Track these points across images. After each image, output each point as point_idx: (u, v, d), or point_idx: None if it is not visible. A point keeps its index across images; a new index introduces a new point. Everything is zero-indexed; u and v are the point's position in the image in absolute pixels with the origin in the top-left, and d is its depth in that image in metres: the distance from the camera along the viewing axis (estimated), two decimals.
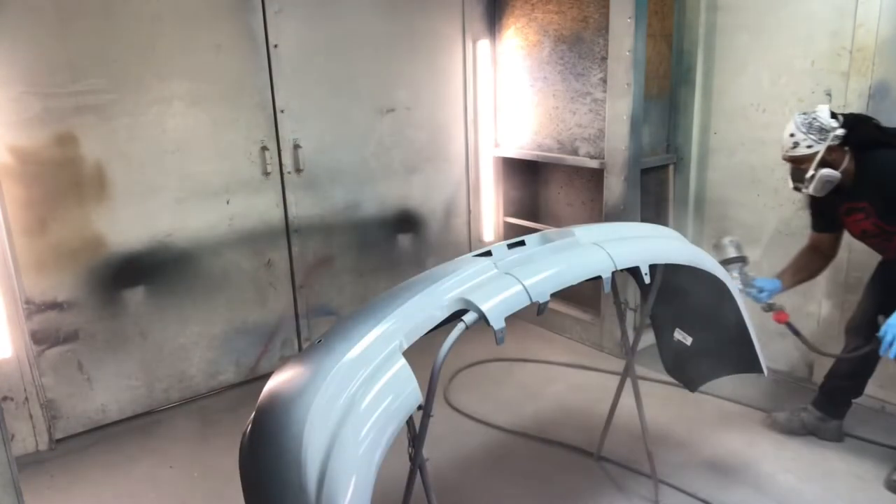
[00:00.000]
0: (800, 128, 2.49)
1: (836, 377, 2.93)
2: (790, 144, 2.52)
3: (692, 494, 2.66)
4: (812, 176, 2.50)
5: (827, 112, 2.49)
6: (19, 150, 2.93)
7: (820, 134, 2.46)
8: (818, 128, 2.47)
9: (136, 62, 3.13)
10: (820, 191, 2.53)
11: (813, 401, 3.01)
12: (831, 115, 2.49)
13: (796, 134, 2.49)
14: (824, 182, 2.49)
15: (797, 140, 2.49)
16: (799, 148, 2.50)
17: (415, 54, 4.04)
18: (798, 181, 2.57)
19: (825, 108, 2.50)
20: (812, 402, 3.01)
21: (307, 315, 3.92)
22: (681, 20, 3.73)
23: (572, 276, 1.92)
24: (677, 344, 2.66)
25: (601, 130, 3.74)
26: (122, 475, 2.97)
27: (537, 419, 3.29)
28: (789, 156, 2.55)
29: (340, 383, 1.57)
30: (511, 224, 4.57)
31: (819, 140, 2.46)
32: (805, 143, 2.48)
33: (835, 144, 2.47)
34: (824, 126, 2.46)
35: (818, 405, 2.98)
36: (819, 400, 2.99)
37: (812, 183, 2.51)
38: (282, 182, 3.67)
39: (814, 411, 2.99)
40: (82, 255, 3.15)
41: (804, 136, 2.47)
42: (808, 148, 2.48)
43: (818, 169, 2.48)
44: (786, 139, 2.53)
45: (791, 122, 2.53)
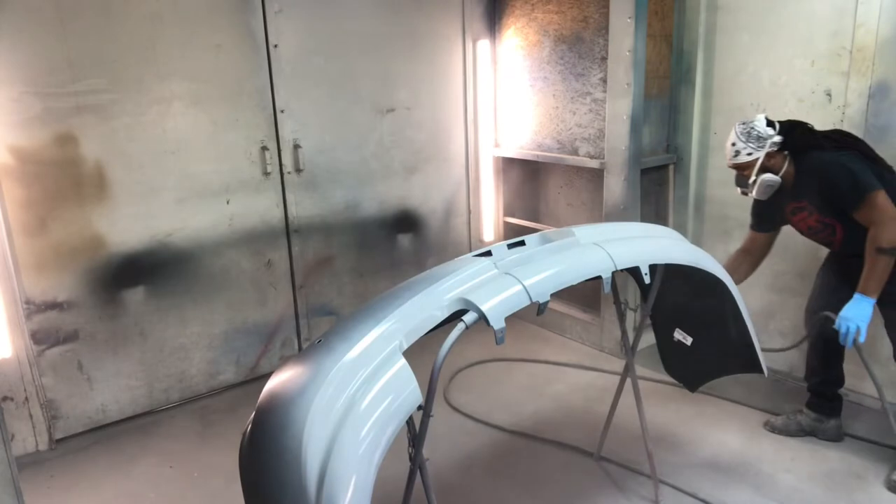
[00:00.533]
0: (739, 137, 2.64)
1: (813, 374, 2.99)
2: (732, 153, 2.67)
3: (692, 494, 2.66)
4: (754, 181, 2.65)
5: (763, 121, 2.64)
6: (19, 150, 2.93)
7: (758, 142, 2.61)
8: (756, 136, 2.62)
9: (136, 62, 3.13)
10: (763, 194, 2.68)
11: (806, 403, 3.03)
12: (767, 122, 2.64)
13: (737, 143, 2.65)
14: (766, 186, 2.64)
15: (738, 149, 2.65)
16: (740, 156, 2.65)
17: (415, 54, 4.04)
18: (742, 186, 2.72)
19: (762, 118, 2.66)
20: (806, 405, 3.03)
21: (307, 315, 3.92)
22: (681, 20, 3.73)
23: (572, 276, 1.92)
24: (677, 344, 2.66)
25: (601, 130, 3.74)
26: (122, 475, 2.97)
27: (537, 419, 3.29)
28: (732, 163, 2.70)
29: (340, 383, 1.57)
30: (511, 224, 4.57)
31: (758, 147, 2.62)
32: (745, 151, 2.63)
33: (773, 150, 2.62)
34: (761, 134, 2.62)
35: (812, 406, 3.01)
36: (811, 402, 3.01)
37: (755, 187, 2.66)
38: (282, 182, 3.67)
39: (809, 413, 3.01)
40: (82, 255, 3.15)
41: (744, 145, 2.63)
42: (748, 155, 2.63)
43: (759, 174, 2.64)
44: (728, 148, 2.69)
45: (732, 132, 2.68)
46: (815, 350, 2.94)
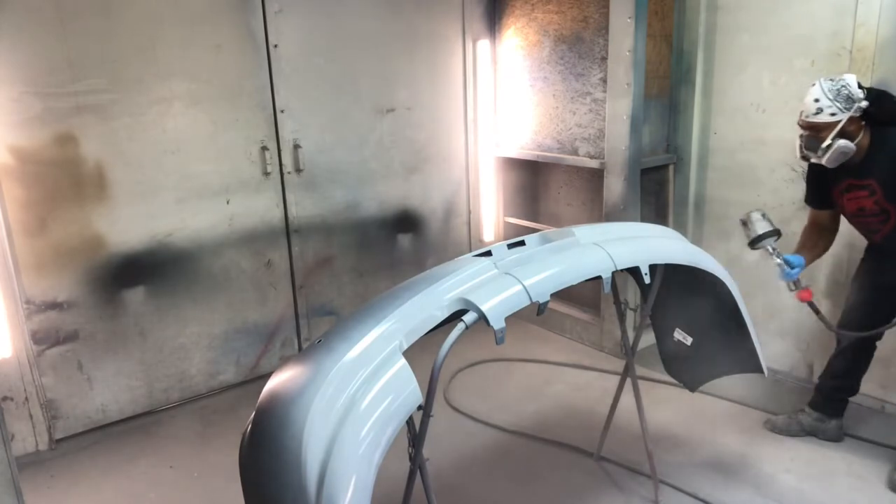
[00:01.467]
0: (826, 94, 2.38)
1: (831, 377, 2.93)
2: (813, 110, 2.41)
3: (692, 494, 2.66)
4: (829, 146, 2.40)
5: (855, 81, 2.41)
6: (19, 150, 2.93)
7: (846, 102, 2.37)
8: (846, 96, 2.37)
9: (136, 62, 3.13)
10: (833, 162, 2.44)
11: (809, 402, 3.01)
12: (858, 85, 2.41)
13: (821, 99, 2.39)
14: (840, 153, 2.41)
15: (822, 106, 2.39)
16: (822, 115, 2.39)
17: (415, 54, 4.04)
18: (811, 150, 2.47)
19: (853, 77, 2.41)
20: (808, 404, 3.01)
21: (307, 315, 3.92)
22: (681, 20, 3.73)
23: (572, 276, 1.92)
24: (677, 344, 2.66)
25: (601, 130, 3.74)
26: (122, 475, 2.97)
27: (537, 419, 3.29)
28: (810, 122, 2.43)
29: (340, 383, 1.57)
30: (511, 224, 4.57)
31: (844, 108, 2.37)
32: (829, 111, 2.38)
33: (856, 116, 2.39)
34: (852, 95, 2.37)
35: (815, 406, 2.99)
36: (815, 400, 2.99)
37: (828, 153, 2.42)
38: (282, 182, 3.67)
39: (811, 412, 2.99)
40: (82, 255, 3.15)
41: (830, 103, 2.38)
42: (831, 115, 2.38)
43: (836, 139, 2.39)
44: (809, 103, 2.42)
45: (817, 87, 2.42)
46: (844, 357, 2.85)
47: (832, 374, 2.92)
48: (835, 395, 2.94)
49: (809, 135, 2.47)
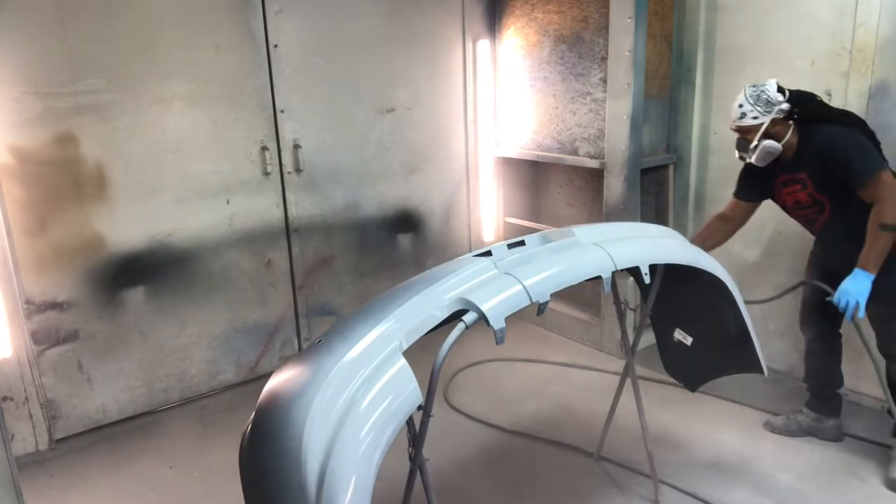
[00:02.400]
0: (748, 99, 2.59)
1: (812, 376, 2.99)
2: (738, 115, 2.63)
3: (692, 494, 2.66)
4: (756, 146, 2.61)
5: (774, 86, 2.60)
6: (19, 150, 2.93)
7: (766, 106, 2.57)
8: (765, 100, 2.57)
9: (136, 62, 3.13)
10: (762, 160, 2.64)
11: (806, 402, 3.03)
12: (778, 88, 2.60)
13: (744, 105, 2.60)
14: (766, 152, 2.61)
15: (745, 111, 2.60)
16: (745, 119, 2.60)
17: (415, 54, 4.04)
18: (742, 150, 2.68)
19: (773, 82, 2.61)
20: (805, 404, 3.03)
21: (307, 315, 3.92)
22: (681, 20, 3.73)
23: (572, 276, 1.92)
24: (677, 344, 2.66)
25: (601, 130, 3.74)
26: (122, 475, 2.97)
27: (537, 419, 3.29)
28: (736, 125, 2.65)
29: (340, 383, 1.57)
30: (511, 224, 4.57)
31: (765, 112, 2.57)
32: (752, 115, 2.59)
33: (779, 118, 2.58)
34: (771, 99, 2.57)
35: (811, 406, 3.01)
36: (811, 401, 3.02)
37: (755, 153, 2.62)
38: (282, 182, 3.67)
39: (809, 413, 3.01)
40: (82, 255, 3.15)
41: (751, 108, 2.58)
42: (753, 119, 2.59)
43: (762, 140, 2.59)
44: (734, 109, 2.64)
45: (741, 93, 2.63)
46: (814, 351, 2.95)
47: (812, 374, 2.99)
48: (824, 391, 2.97)
49: (739, 137, 2.68)
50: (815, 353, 2.95)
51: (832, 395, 2.97)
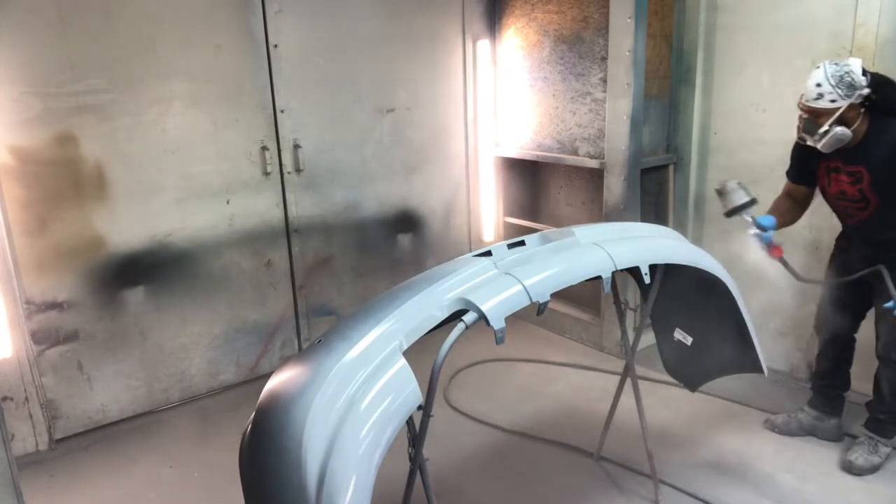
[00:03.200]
0: (829, 79, 2.35)
1: (820, 377, 2.98)
2: (814, 95, 2.38)
3: (692, 494, 2.66)
4: (826, 132, 2.39)
5: (860, 67, 2.37)
6: (19, 150, 2.93)
7: (848, 89, 2.34)
8: (848, 83, 2.34)
9: (136, 62, 3.13)
10: (829, 147, 2.43)
11: (808, 401, 3.03)
12: (863, 71, 2.37)
13: (824, 85, 2.36)
14: (836, 140, 2.40)
15: (823, 91, 2.36)
16: (822, 100, 2.37)
17: (415, 54, 4.04)
18: (808, 133, 2.45)
19: (858, 63, 2.37)
20: (807, 403, 3.03)
21: (307, 315, 3.92)
22: (681, 20, 3.73)
23: (572, 276, 1.92)
24: (677, 344, 2.66)
25: (601, 130, 3.74)
26: (122, 475, 2.97)
27: (537, 419, 3.29)
28: (810, 106, 2.41)
29: (340, 383, 1.57)
30: (511, 224, 4.57)
31: (845, 96, 2.34)
32: (830, 97, 2.36)
33: (856, 103, 2.37)
34: (855, 82, 2.34)
35: (813, 405, 3.01)
36: (813, 400, 3.01)
37: (824, 139, 2.40)
38: (282, 182, 3.67)
39: (810, 411, 3.00)
40: (82, 255, 3.15)
41: (831, 90, 2.35)
42: (831, 102, 2.36)
43: (834, 126, 2.38)
44: (811, 88, 2.39)
45: (820, 71, 2.39)
46: (827, 353, 2.92)
47: (821, 375, 2.97)
48: (829, 392, 2.96)
49: (807, 119, 2.45)
50: (827, 356, 2.91)
51: (835, 395, 2.96)
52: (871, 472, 2.73)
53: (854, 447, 2.80)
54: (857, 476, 2.72)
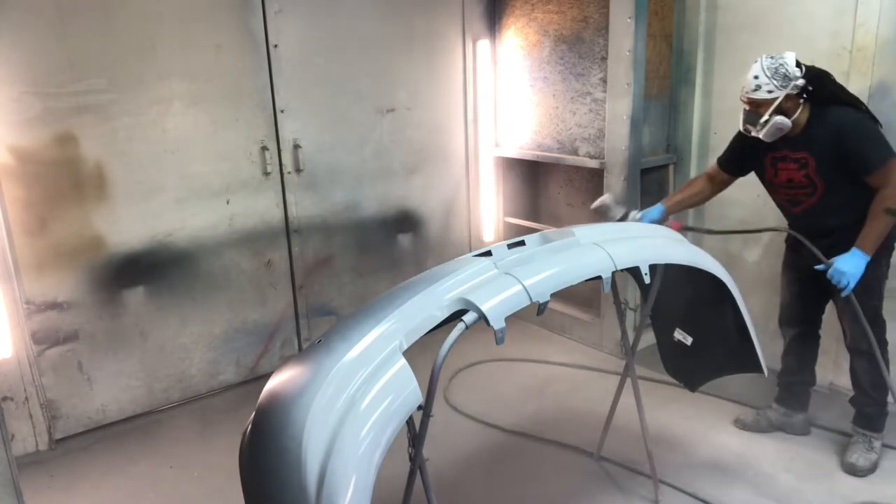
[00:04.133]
0: (765, 71, 2.48)
1: (786, 374, 3.02)
2: (753, 86, 2.50)
3: (692, 494, 2.66)
4: (766, 121, 2.51)
5: (793, 60, 2.49)
6: (19, 150, 2.93)
7: (783, 80, 2.46)
8: (783, 74, 2.46)
9: (136, 62, 3.13)
10: (770, 136, 2.54)
11: (775, 398, 3.07)
12: (796, 63, 2.49)
13: (760, 76, 2.48)
14: (776, 128, 2.51)
15: (760, 83, 2.48)
16: (760, 91, 2.49)
17: (415, 54, 4.04)
18: (750, 124, 2.57)
19: (792, 56, 2.50)
20: (775, 400, 3.07)
21: (307, 315, 3.92)
22: (681, 20, 3.73)
23: (572, 276, 1.92)
24: (677, 344, 2.66)
25: (601, 130, 3.74)
26: (122, 475, 2.97)
27: (537, 419, 3.29)
28: (749, 97, 2.53)
29: (340, 383, 1.57)
30: (511, 224, 4.57)
31: (781, 86, 2.46)
32: (767, 88, 2.47)
33: (793, 93, 2.48)
34: (789, 73, 2.46)
35: (780, 401, 3.05)
36: (780, 396, 3.05)
37: (765, 128, 2.52)
38: (282, 182, 3.67)
39: (778, 408, 3.04)
40: (82, 255, 3.15)
41: (768, 81, 2.47)
42: (768, 93, 2.48)
43: (773, 115, 2.49)
44: (749, 80, 2.52)
45: (757, 64, 2.51)
46: (793, 351, 2.98)
47: (787, 371, 3.02)
48: (795, 388, 3.01)
49: (749, 110, 2.56)
50: (793, 353, 2.98)
51: (802, 391, 3.00)
52: (872, 470, 2.74)
53: (850, 448, 2.82)
54: (860, 477, 2.72)
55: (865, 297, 2.60)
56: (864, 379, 2.75)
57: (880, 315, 2.70)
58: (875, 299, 2.67)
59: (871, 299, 2.64)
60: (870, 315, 2.63)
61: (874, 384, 2.73)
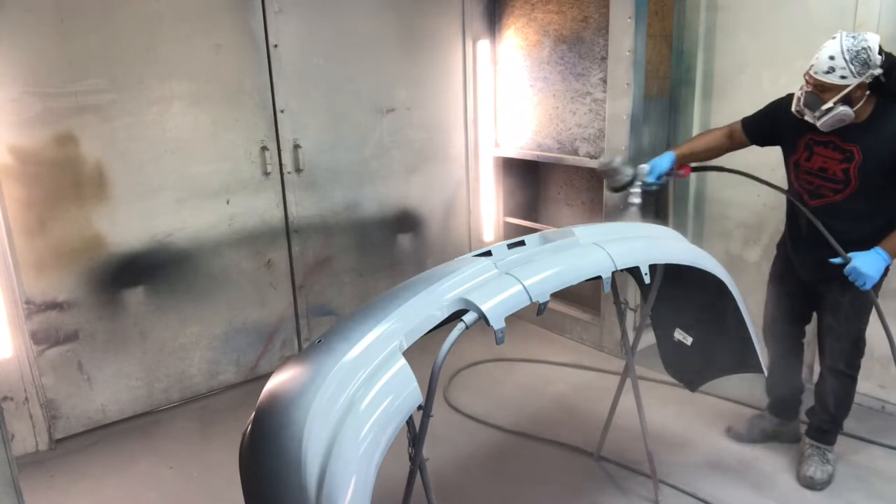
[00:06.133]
0: (844, 53, 2.16)
1: (776, 384, 2.94)
2: (826, 68, 2.19)
3: (692, 494, 2.66)
4: (829, 109, 2.23)
5: (877, 43, 2.18)
6: (19, 150, 2.93)
7: (862, 67, 2.16)
8: (864, 60, 2.16)
9: (136, 62, 3.13)
10: (829, 127, 2.28)
11: (767, 407, 3.01)
12: (879, 49, 2.19)
13: (837, 58, 2.17)
14: (838, 120, 2.24)
15: (835, 65, 2.17)
16: (832, 75, 2.18)
17: (415, 54, 4.04)
18: (809, 108, 2.29)
19: (876, 39, 2.18)
20: (767, 409, 3.01)
21: (307, 315, 3.92)
22: (681, 20, 3.73)
23: (572, 276, 1.92)
24: (677, 344, 2.66)
25: (601, 130, 3.74)
26: (122, 475, 2.97)
27: (537, 419, 3.29)
28: (818, 80, 2.22)
29: (340, 383, 1.57)
30: (511, 224, 4.57)
31: (858, 73, 2.17)
32: (841, 72, 2.17)
33: (866, 82, 2.20)
34: (870, 60, 2.16)
35: (774, 411, 2.98)
36: (773, 406, 2.99)
37: (826, 116, 2.24)
38: (282, 182, 3.67)
39: (772, 418, 2.98)
40: (82, 255, 3.15)
41: (845, 65, 2.16)
42: (841, 78, 2.18)
43: (839, 104, 2.22)
44: (823, 59, 2.20)
45: (836, 43, 2.19)
46: (779, 361, 2.90)
47: (776, 382, 2.94)
48: (786, 396, 2.94)
49: (812, 92, 2.27)
50: (780, 363, 2.90)
51: (794, 399, 2.95)
52: (829, 482, 2.69)
53: (805, 461, 2.74)
54: (819, 491, 2.67)
55: (855, 319, 2.54)
56: (830, 399, 2.68)
57: (863, 338, 2.60)
58: (863, 321, 2.57)
59: (859, 321, 2.56)
60: (853, 336, 2.57)
61: (838, 404, 2.69)
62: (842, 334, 2.57)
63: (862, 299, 2.48)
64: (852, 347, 2.58)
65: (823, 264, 2.45)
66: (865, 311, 2.54)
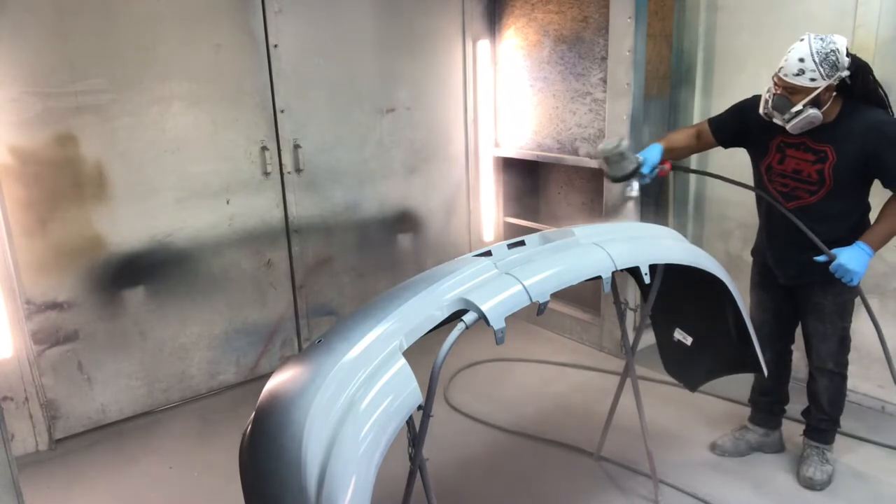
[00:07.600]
0: (814, 55, 2.16)
1: (761, 394, 2.93)
2: (795, 70, 2.19)
3: (692, 494, 2.66)
4: (798, 111, 2.24)
5: (845, 46, 2.19)
6: (19, 150, 2.93)
7: (831, 70, 2.17)
8: (832, 62, 2.17)
9: (136, 62, 3.13)
10: (798, 129, 2.29)
11: (750, 419, 2.98)
12: (846, 52, 2.20)
13: (807, 60, 2.17)
14: (807, 122, 2.25)
15: (805, 68, 2.18)
16: (802, 77, 2.19)
17: (415, 54, 4.04)
18: (779, 111, 2.28)
19: (843, 41, 2.20)
20: (750, 420, 2.98)
21: (307, 315, 3.92)
22: (681, 20, 3.73)
23: (572, 276, 1.92)
24: (677, 344, 2.66)
25: (601, 130, 3.74)
26: (122, 475, 2.97)
27: (537, 419, 3.29)
28: (788, 82, 2.23)
29: (340, 383, 1.57)
30: (511, 224, 4.57)
31: (827, 76, 2.18)
32: (811, 75, 2.18)
33: (834, 84, 2.22)
34: (839, 63, 2.18)
35: (758, 422, 2.95)
36: (756, 417, 2.96)
37: (795, 119, 2.25)
38: (282, 182, 3.67)
39: (756, 429, 2.95)
40: (82, 255, 3.15)
41: (815, 67, 2.17)
42: (811, 80, 2.19)
43: (808, 107, 2.23)
44: (792, 62, 2.20)
45: (805, 45, 2.19)
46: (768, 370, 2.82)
47: (762, 392, 2.92)
48: (773, 408, 2.93)
49: (781, 95, 2.27)
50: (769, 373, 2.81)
51: (779, 410, 2.93)
52: (829, 483, 2.69)
53: (805, 462, 2.74)
54: (818, 491, 2.67)
55: (838, 319, 2.54)
56: (823, 397, 2.68)
57: (848, 336, 2.60)
58: (847, 321, 2.57)
59: (843, 321, 2.56)
60: (839, 336, 2.57)
61: (832, 402, 2.69)
62: (827, 335, 2.58)
63: (843, 299, 2.50)
64: (839, 346, 2.60)
65: (805, 266, 2.45)
66: (848, 311, 2.56)
